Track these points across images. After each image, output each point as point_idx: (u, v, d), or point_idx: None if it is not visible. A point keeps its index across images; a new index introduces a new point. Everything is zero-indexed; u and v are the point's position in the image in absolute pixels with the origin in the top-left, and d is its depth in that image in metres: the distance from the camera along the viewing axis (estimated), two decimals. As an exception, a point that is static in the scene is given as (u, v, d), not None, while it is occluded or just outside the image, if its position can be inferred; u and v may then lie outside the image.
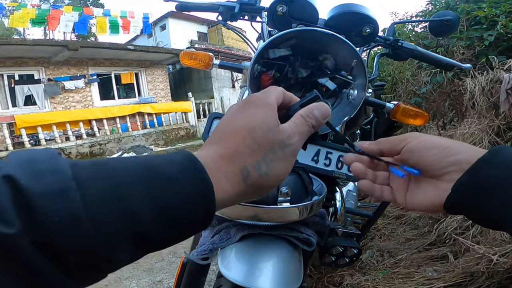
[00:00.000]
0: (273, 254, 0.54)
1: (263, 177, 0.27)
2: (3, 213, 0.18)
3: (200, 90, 10.61)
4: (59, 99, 8.15)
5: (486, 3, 2.48)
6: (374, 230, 1.86)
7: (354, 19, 0.73)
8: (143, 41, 13.58)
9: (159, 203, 0.22)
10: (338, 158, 0.63)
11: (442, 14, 0.89)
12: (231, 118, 0.30)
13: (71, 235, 0.19)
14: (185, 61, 0.83)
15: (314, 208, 0.52)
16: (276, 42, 0.64)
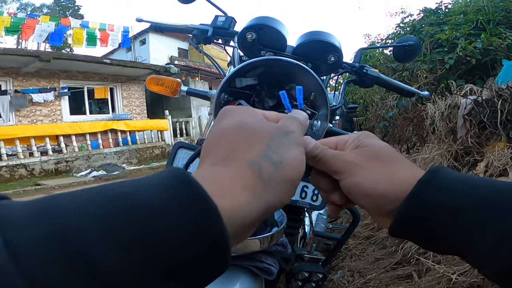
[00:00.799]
0: (234, 284, 0.53)
1: (279, 167, 0.23)
2: None
3: (178, 108, 10.52)
4: (25, 112, 7.78)
5: (447, 26, 2.65)
6: (345, 251, 1.89)
7: (320, 47, 0.76)
8: (121, 55, 13.39)
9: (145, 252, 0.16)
10: (302, 188, 0.64)
11: (405, 39, 0.93)
12: (215, 127, 0.26)
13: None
14: (151, 87, 0.82)
15: (275, 239, 0.52)
16: (244, 71, 0.66)
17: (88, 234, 0.15)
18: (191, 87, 0.82)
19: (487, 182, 0.25)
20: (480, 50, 2.29)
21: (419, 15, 3.72)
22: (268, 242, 0.51)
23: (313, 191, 0.63)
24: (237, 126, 0.24)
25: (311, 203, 0.63)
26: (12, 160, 6.39)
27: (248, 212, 0.20)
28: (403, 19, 4.20)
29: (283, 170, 0.23)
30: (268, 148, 0.23)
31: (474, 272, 1.21)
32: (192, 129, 9.96)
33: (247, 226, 0.21)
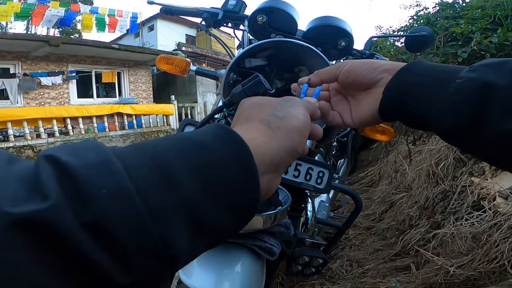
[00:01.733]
0: (235, 263, 0.54)
1: (284, 119, 0.30)
2: (44, 188, 0.17)
3: (184, 93, 10.50)
4: (33, 94, 7.83)
5: (464, 19, 2.58)
6: (345, 240, 1.90)
7: (331, 32, 0.75)
8: (129, 40, 13.34)
9: (200, 171, 0.22)
10: (307, 170, 0.64)
11: (418, 29, 0.91)
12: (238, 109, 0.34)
13: (121, 210, 0.17)
14: (161, 65, 0.82)
15: (278, 218, 0.53)
16: (253, 52, 0.65)
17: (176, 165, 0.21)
18: (200, 67, 0.82)
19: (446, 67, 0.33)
20: (495, 44, 2.23)
21: (434, 8, 3.62)
22: (272, 220, 0.51)
23: (318, 174, 0.63)
24: (251, 103, 0.33)
25: (316, 185, 0.63)
26: (20, 141, 6.47)
27: (267, 150, 0.27)
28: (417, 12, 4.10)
29: (287, 121, 0.30)
30: (274, 109, 0.31)
31: (472, 265, 1.22)
32: (198, 114, 9.96)
33: (268, 164, 0.27)
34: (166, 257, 0.19)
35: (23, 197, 0.16)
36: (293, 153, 0.29)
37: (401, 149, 2.46)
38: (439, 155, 1.79)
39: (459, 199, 1.57)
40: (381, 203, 2.21)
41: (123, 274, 0.18)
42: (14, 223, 0.15)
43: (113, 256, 0.17)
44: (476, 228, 1.32)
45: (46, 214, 0.16)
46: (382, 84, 0.37)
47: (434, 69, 0.34)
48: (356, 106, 0.41)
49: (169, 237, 0.19)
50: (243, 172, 0.24)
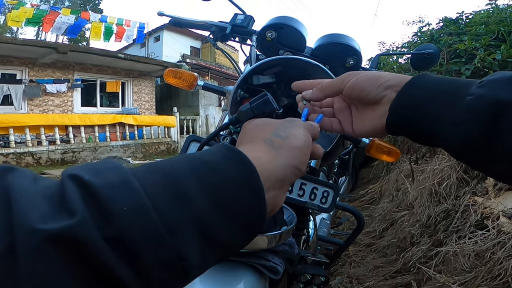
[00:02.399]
0: (239, 281, 0.53)
1: (286, 139, 0.31)
2: (71, 205, 0.18)
3: (186, 105, 10.57)
4: (37, 101, 7.89)
5: (467, 36, 2.57)
6: (345, 257, 1.87)
7: (339, 50, 0.75)
8: (135, 50, 13.53)
9: (211, 189, 0.23)
10: (312, 190, 0.63)
11: (424, 47, 0.91)
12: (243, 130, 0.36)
13: (140, 225, 0.19)
14: (169, 79, 0.82)
15: (283, 237, 0.52)
16: (261, 68, 0.66)
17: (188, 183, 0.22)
18: (207, 83, 0.82)
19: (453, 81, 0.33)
20: (498, 61, 2.23)
21: (438, 25, 3.65)
22: (277, 240, 0.51)
23: (323, 194, 0.63)
24: (255, 125, 0.35)
25: (320, 205, 0.63)
26: (20, 148, 6.48)
27: (271, 168, 0.28)
28: (421, 28, 4.14)
29: (289, 140, 0.32)
30: (276, 129, 0.33)
31: (475, 282, 1.20)
32: (199, 127, 10.00)
33: (273, 181, 0.28)
34: (180, 269, 0.21)
35: (51, 214, 0.18)
36: (296, 171, 0.31)
37: (403, 167, 2.45)
38: (441, 175, 1.78)
39: (461, 218, 1.56)
40: (382, 221, 2.19)
41: (142, 286, 0.19)
42: (46, 239, 0.17)
43: (134, 269, 0.19)
44: (479, 246, 1.31)
45: (74, 229, 0.17)
46: (387, 101, 0.36)
47: (441, 83, 0.34)
48: (359, 119, 0.41)
49: (183, 250, 0.21)
50: (250, 190, 0.25)
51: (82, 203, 0.18)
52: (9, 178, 0.19)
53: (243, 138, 0.34)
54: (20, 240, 0.16)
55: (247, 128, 0.35)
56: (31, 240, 0.16)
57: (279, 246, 0.57)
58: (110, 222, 0.18)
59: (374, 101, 0.38)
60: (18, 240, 0.16)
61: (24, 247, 0.16)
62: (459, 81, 0.33)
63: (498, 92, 0.28)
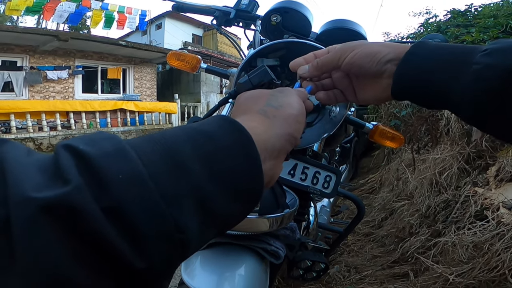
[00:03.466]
0: (240, 265, 0.53)
1: (279, 108, 0.31)
2: (65, 174, 0.17)
3: (188, 92, 10.52)
4: (38, 88, 7.87)
5: (475, 28, 2.56)
6: (343, 246, 1.89)
7: (345, 35, 0.74)
8: (136, 38, 13.37)
9: (207, 158, 0.23)
10: (314, 174, 0.63)
11: (431, 36, 0.89)
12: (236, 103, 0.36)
13: (137, 195, 0.18)
14: (172, 62, 0.81)
15: (285, 221, 0.52)
16: (266, 52, 0.65)
17: (185, 152, 0.22)
18: (210, 66, 0.81)
19: (454, 48, 0.33)
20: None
21: (445, 16, 3.60)
22: (278, 223, 0.51)
23: (325, 178, 0.63)
24: (246, 97, 0.35)
25: (322, 190, 0.63)
26: (21, 134, 6.49)
27: (267, 138, 0.28)
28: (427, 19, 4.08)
29: (283, 109, 0.32)
30: (269, 100, 0.33)
31: (472, 273, 1.21)
32: (200, 114, 9.97)
33: (269, 151, 0.28)
34: (178, 241, 0.20)
35: (46, 183, 0.17)
36: (291, 139, 0.31)
37: (404, 157, 2.45)
38: (443, 165, 1.78)
39: (461, 209, 1.56)
40: (381, 210, 2.20)
41: (139, 259, 0.18)
42: (41, 208, 0.16)
43: (130, 241, 0.18)
44: (478, 237, 1.31)
45: (69, 197, 0.17)
46: (388, 75, 0.36)
47: (442, 50, 0.34)
48: (361, 90, 0.40)
49: (181, 222, 0.20)
50: (246, 159, 0.25)
51: (77, 172, 0.18)
52: (3, 149, 0.19)
53: (237, 111, 0.34)
54: (14, 210, 0.16)
55: (240, 101, 0.35)
56: (26, 209, 0.16)
57: (280, 230, 0.57)
58: (105, 191, 0.18)
59: (374, 76, 0.38)
60: (12, 210, 0.16)
61: (19, 217, 0.16)
62: (460, 48, 0.33)
63: (507, 61, 0.28)
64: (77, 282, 0.17)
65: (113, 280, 0.18)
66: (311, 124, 0.62)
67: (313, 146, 0.69)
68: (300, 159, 0.64)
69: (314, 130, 0.62)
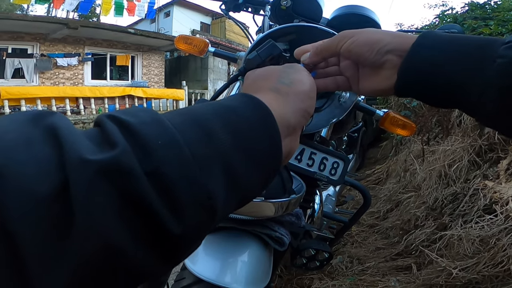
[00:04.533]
0: (243, 251, 0.53)
1: (291, 85, 0.32)
2: (112, 139, 0.18)
3: (195, 79, 10.50)
4: (49, 74, 7.96)
5: (494, 21, 2.49)
6: (347, 237, 1.88)
7: (358, 21, 0.71)
8: (145, 25, 13.34)
9: (232, 129, 0.24)
10: (322, 160, 0.62)
11: (448, 27, 0.85)
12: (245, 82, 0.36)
13: (175, 159, 0.19)
14: (179, 45, 0.81)
15: (291, 207, 0.51)
16: (275, 36, 0.63)
17: (212, 123, 0.23)
18: (218, 49, 0.80)
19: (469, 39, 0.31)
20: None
21: (463, 8, 3.50)
22: (284, 209, 0.50)
23: (332, 165, 0.62)
24: (256, 75, 0.35)
25: (330, 176, 0.62)
26: (33, 119, 6.60)
27: (283, 114, 0.29)
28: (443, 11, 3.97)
29: (295, 86, 0.32)
30: (280, 77, 0.33)
31: (476, 268, 1.20)
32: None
33: (286, 127, 0.29)
34: (209, 207, 0.21)
35: (97, 148, 0.18)
36: (306, 115, 0.31)
37: (413, 148, 2.41)
38: (453, 157, 1.75)
39: (469, 202, 1.54)
40: (387, 202, 2.19)
41: (176, 224, 0.19)
42: (97, 171, 0.17)
43: (170, 205, 0.19)
44: (485, 231, 1.30)
45: (119, 159, 0.18)
46: (389, 67, 0.34)
47: (454, 41, 0.31)
48: (365, 79, 0.38)
49: (211, 187, 0.21)
50: (268, 132, 0.26)
51: (122, 137, 0.19)
52: (54, 118, 0.19)
53: (248, 89, 0.33)
54: (73, 173, 0.16)
55: (250, 79, 0.35)
56: (84, 172, 0.16)
57: (285, 216, 0.57)
58: (148, 155, 0.19)
59: (374, 66, 0.35)
60: (71, 173, 0.16)
61: (78, 180, 0.16)
62: (474, 39, 0.30)
63: None
64: (124, 245, 0.17)
65: (152, 245, 0.18)
66: (320, 109, 0.60)
67: (321, 132, 0.68)
68: (307, 144, 0.62)
69: (323, 115, 0.60)
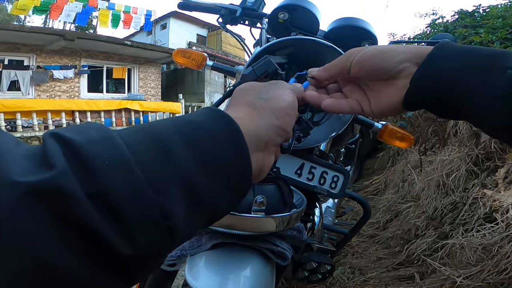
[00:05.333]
0: (245, 266, 0.52)
1: (268, 100, 0.31)
2: (51, 159, 0.18)
3: (192, 92, 10.55)
4: (45, 87, 7.97)
5: (484, 29, 2.54)
6: (348, 247, 1.87)
7: (354, 33, 0.72)
8: (141, 38, 13.48)
9: (195, 146, 0.23)
10: (322, 174, 0.62)
11: (440, 36, 0.87)
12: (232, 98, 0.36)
13: (123, 180, 0.18)
14: (177, 59, 0.81)
15: (292, 221, 0.51)
16: (273, 49, 0.64)
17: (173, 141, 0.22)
18: (216, 63, 0.81)
19: (482, 51, 0.31)
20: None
21: (453, 17, 3.58)
22: (285, 224, 0.49)
23: (332, 178, 0.61)
24: (239, 89, 0.35)
25: (330, 190, 0.61)
26: (27, 132, 6.54)
27: (253, 129, 0.28)
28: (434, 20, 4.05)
29: (271, 101, 0.31)
30: (259, 92, 0.33)
31: (480, 276, 1.19)
32: (204, 115, 10.00)
33: (256, 142, 0.28)
34: (165, 228, 0.20)
35: (31, 169, 0.17)
36: (280, 131, 0.31)
37: (410, 158, 2.42)
38: (450, 166, 1.76)
39: (469, 211, 1.54)
40: (386, 212, 2.18)
41: (126, 245, 0.18)
42: (25, 192, 0.16)
43: (116, 226, 0.18)
44: (487, 239, 1.29)
45: (54, 181, 0.17)
46: (406, 75, 0.33)
47: (468, 53, 0.31)
48: (375, 98, 0.37)
49: (168, 208, 0.20)
50: (234, 147, 0.25)
51: (63, 157, 0.18)
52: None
53: (230, 103, 0.34)
54: (0, 194, 0.16)
55: (234, 94, 0.35)
56: (10, 193, 0.16)
57: (287, 231, 0.56)
58: (91, 177, 0.18)
59: (389, 76, 0.35)
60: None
61: (4, 201, 0.16)
62: (489, 51, 0.30)
63: None
64: (63, 267, 0.16)
65: (100, 267, 0.18)
66: (319, 122, 0.60)
67: (320, 146, 0.68)
68: (307, 159, 0.62)
69: (322, 129, 0.60)
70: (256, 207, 0.47)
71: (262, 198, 0.46)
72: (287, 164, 0.61)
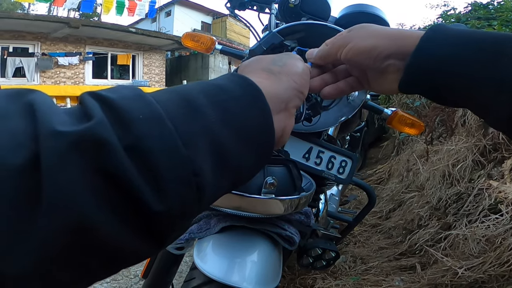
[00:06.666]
0: (253, 250, 0.52)
1: (283, 66, 0.32)
2: (90, 112, 0.18)
3: (196, 79, 10.51)
4: (50, 73, 7.99)
5: (497, 21, 2.49)
6: (350, 236, 1.87)
7: (366, 20, 0.70)
8: (146, 25, 13.36)
9: (220, 106, 0.23)
10: (330, 159, 0.62)
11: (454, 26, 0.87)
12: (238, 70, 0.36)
13: (156, 133, 0.19)
14: (187, 42, 0.81)
15: (301, 205, 0.51)
16: (283, 33, 0.63)
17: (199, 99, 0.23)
18: (225, 47, 0.80)
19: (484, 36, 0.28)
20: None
21: (466, 9, 3.48)
22: (294, 207, 0.49)
23: (340, 163, 0.61)
24: (250, 60, 0.35)
25: (337, 175, 0.61)
26: (34, 118, 6.62)
27: (273, 91, 0.29)
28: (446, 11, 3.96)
29: (287, 67, 0.32)
30: (273, 60, 0.33)
31: (482, 268, 1.19)
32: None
33: (277, 103, 0.29)
34: (194, 185, 0.20)
35: (73, 121, 0.18)
36: (298, 94, 0.32)
37: (415, 148, 2.40)
38: (457, 156, 1.74)
39: (474, 202, 1.53)
40: (389, 202, 2.18)
41: (158, 200, 0.18)
42: (69, 142, 0.16)
43: (150, 181, 0.18)
44: (491, 231, 1.29)
45: (94, 130, 0.17)
46: (392, 71, 0.33)
47: (467, 37, 0.29)
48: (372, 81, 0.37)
49: (197, 164, 0.20)
50: (257, 108, 0.26)
51: (100, 110, 0.18)
52: (33, 95, 0.19)
53: (242, 71, 0.34)
54: (44, 144, 0.16)
55: (244, 65, 0.35)
56: (55, 143, 0.16)
57: (295, 215, 0.57)
58: (127, 129, 0.18)
59: (376, 73, 0.34)
60: (42, 145, 0.16)
61: (48, 151, 0.16)
62: (492, 34, 0.28)
63: None
64: (97, 221, 0.17)
65: (131, 222, 0.18)
66: (328, 107, 0.60)
67: (328, 130, 0.68)
68: (315, 143, 0.62)
69: (331, 114, 0.60)
70: (266, 189, 0.47)
71: (272, 179, 0.46)
72: (295, 148, 0.61)
